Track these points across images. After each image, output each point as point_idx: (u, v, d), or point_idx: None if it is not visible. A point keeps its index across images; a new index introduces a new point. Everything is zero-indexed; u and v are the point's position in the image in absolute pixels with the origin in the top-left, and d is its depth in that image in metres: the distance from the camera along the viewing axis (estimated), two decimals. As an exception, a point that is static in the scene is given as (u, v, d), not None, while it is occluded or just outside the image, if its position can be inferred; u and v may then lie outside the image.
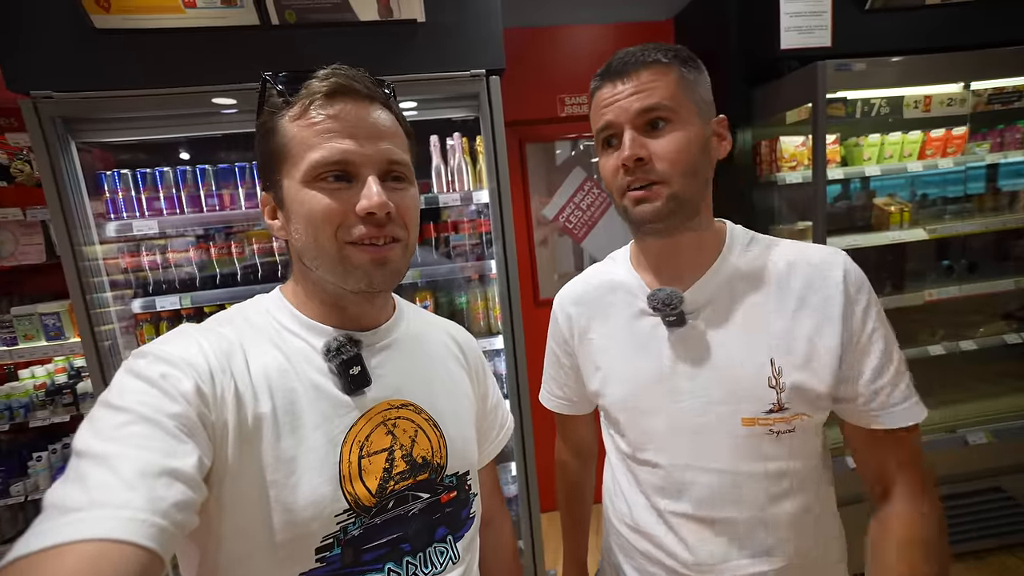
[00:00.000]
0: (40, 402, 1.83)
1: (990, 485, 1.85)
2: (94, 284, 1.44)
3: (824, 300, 0.59)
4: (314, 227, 0.51)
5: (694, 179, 0.58)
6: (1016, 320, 2.06)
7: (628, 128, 0.58)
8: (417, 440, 0.58)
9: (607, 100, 0.59)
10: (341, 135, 0.50)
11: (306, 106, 0.50)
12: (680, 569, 0.64)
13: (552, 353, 0.80)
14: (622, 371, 0.67)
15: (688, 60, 0.60)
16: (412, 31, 1.45)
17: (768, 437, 0.59)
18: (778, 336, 0.59)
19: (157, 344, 0.48)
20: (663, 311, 0.62)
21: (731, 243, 0.64)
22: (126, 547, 0.34)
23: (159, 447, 0.40)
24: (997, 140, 1.88)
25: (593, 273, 0.76)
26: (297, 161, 0.51)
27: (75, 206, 1.40)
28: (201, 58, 1.39)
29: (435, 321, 0.71)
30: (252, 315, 0.56)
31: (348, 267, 0.52)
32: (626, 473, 0.71)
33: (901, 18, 1.66)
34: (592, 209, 2.36)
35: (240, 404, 0.48)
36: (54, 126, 1.36)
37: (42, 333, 1.76)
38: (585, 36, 2.18)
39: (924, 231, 1.75)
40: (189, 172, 1.55)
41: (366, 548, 0.53)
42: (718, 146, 0.62)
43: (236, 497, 0.48)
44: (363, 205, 0.50)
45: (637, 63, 0.57)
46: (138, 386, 0.44)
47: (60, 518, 0.34)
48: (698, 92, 0.59)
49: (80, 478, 0.37)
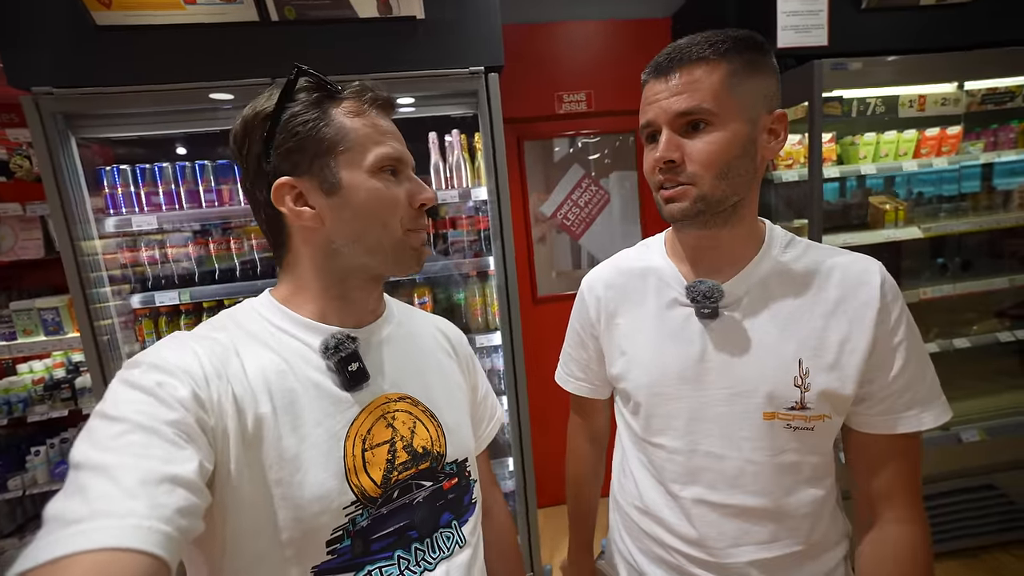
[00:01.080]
0: (38, 397, 1.83)
1: (983, 483, 1.87)
2: (93, 279, 1.44)
3: (860, 307, 0.60)
4: (385, 212, 0.56)
5: (726, 180, 0.57)
6: (1009, 318, 2.08)
7: (666, 128, 0.58)
8: (416, 431, 0.60)
9: (650, 98, 0.60)
10: (393, 138, 0.58)
11: (364, 107, 0.56)
12: (687, 550, 0.66)
13: (576, 335, 0.80)
14: (649, 357, 0.68)
15: (746, 50, 0.56)
16: (411, 28, 1.46)
17: (786, 431, 0.61)
18: (809, 337, 0.60)
19: (151, 352, 0.49)
20: (701, 303, 0.62)
21: (770, 242, 0.64)
22: (134, 555, 0.34)
23: (158, 455, 0.40)
24: (991, 140, 1.89)
25: (625, 258, 0.76)
26: (363, 152, 0.55)
27: (75, 201, 1.41)
28: (201, 54, 1.40)
29: (423, 316, 0.73)
30: (243, 319, 0.57)
31: (406, 248, 0.58)
32: (638, 456, 0.72)
33: (896, 18, 1.67)
34: (590, 206, 2.37)
35: (239, 408, 0.49)
36: (55, 122, 1.37)
37: (41, 328, 1.76)
38: (582, 32, 2.19)
39: (919, 229, 1.76)
40: (188, 168, 1.55)
41: (375, 537, 0.54)
42: (769, 143, 0.60)
43: (242, 500, 0.48)
44: (425, 197, 0.58)
45: (682, 60, 0.56)
46: (134, 395, 0.44)
47: (63, 530, 0.34)
48: (751, 87, 0.57)
49: (80, 490, 0.37)
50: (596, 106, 2.23)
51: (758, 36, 0.58)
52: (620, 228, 2.41)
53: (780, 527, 0.62)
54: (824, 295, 0.61)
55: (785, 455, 0.61)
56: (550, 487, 2.41)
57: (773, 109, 0.59)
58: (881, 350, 0.60)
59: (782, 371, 0.60)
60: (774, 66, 0.59)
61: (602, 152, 2.35)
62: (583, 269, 2.41)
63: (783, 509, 0.62)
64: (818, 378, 0.60)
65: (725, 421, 0.63)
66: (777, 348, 0.61)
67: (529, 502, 1.69)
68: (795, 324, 0.61)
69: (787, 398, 0.60)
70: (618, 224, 2.41)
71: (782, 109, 0.60)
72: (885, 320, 0.59)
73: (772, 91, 0.59)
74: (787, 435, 0.61)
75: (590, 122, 2.30)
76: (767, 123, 0.59)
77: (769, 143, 0.60)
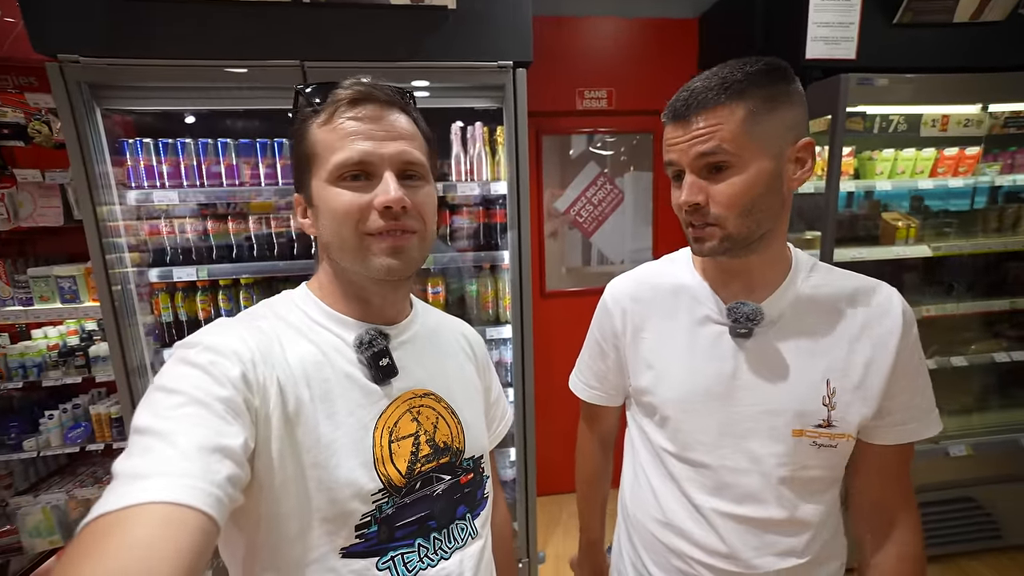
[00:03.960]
0: (52, 362, 1.86)
1: (963, 495, 1.94)
2: (113, 248, 1.46)
3: (884, 333, 0.64)
4: (338, 221, 0.55)
5: (750, 217, 0.58)
6: (1006, 339, 2.13)
7: (688, 172, 0.59)
8: (439, 426, 0.63)
9: (670, 140, 0.61)
10: (362, 137, 0.54)
11: (332, 113, 0.55)
12: (714, 563, 0.68)
13: (596, 344, 0.81)
14: (679, 372, 0.70)
15: (766, 84, 0.55)
16: (442, 17, 1.45)
17: (811, 448, 0.65)
18: (837, 359, 0.64)
19: (203, 335, 0.52)
20: (742, 323, 0.64)
21: (797, 267, 0.67)
22: (190, 511, 0.38)
23: (210, 426, 0.44)
24: (1008, 162, 1.90)
25: (651, 273, 0.77)
26: (323, 162, 0.55)
27: (98, 171, 1.41)
28: (230, 31, 1.38)
29: (447, 319, 0.76)
30: (282, 310, 0.60)
31: (369, 256, 0.56)
32: (659, 468, 0.74)
33: (927, 34, 1.66)
34: (603, 204, 2.38)
35: (283, 392, 0.52)
36: (80, 91, 1.36)
37: (57, 295, 1.78)
38: (608, 29, 2.16)
39: (928, 248, 1.79)
40: (211, 145, 1.55)
41: (398, 525, 0.57)
42: (795, 174, 0.60)
43: (283, 480, 0.51)
44: (380, 200, 0.54)
45: (699, 105, 0.56)
46: (190, 372, 0.47)
47: (133, 483, 0.38)
48: (773, 122, 0.56)
49: (144, 450, 0.41)
50: (617, 104, 2.22)
51: (779, 64, 0.57)
52: (632, 228, 2.42)
53: (796, 538, 0.66)
54: (851, 320, 0.65)
55: (806, 471, 0.65)
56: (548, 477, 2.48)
57: (800, 137, 0.59)
58: (901, 372, 0.64)
59: (811, 390, 0.64)
60: (799, 93, 0.59)
61: (618, 151, 2.35)
62: (593, 266, 2.43)
63: (798, 519, 0.66)
64: (844, 397, 0.63)
65: (753, 437, 0.66)
66: (807, 368, 0.64)
67: (529, 491, 1.75)
68: (823, 346, 0.64)
69: (816, 415, 0.64)
70: (630, 224, 2.42)
71: (808, 138, 0.59)
72: (906, 346, 0.64)
73: (797, 120, 0.58)
74: (811, 452, 0.64)
75: (610, 120, 2.29)
76: (792, 154, 0.58)
77: (795, 173, 0.60)
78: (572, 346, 0.86)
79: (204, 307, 1.63)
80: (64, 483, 1.95)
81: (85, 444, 1.87)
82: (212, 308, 1.64)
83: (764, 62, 0.57)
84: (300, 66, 1.41)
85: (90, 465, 2.06)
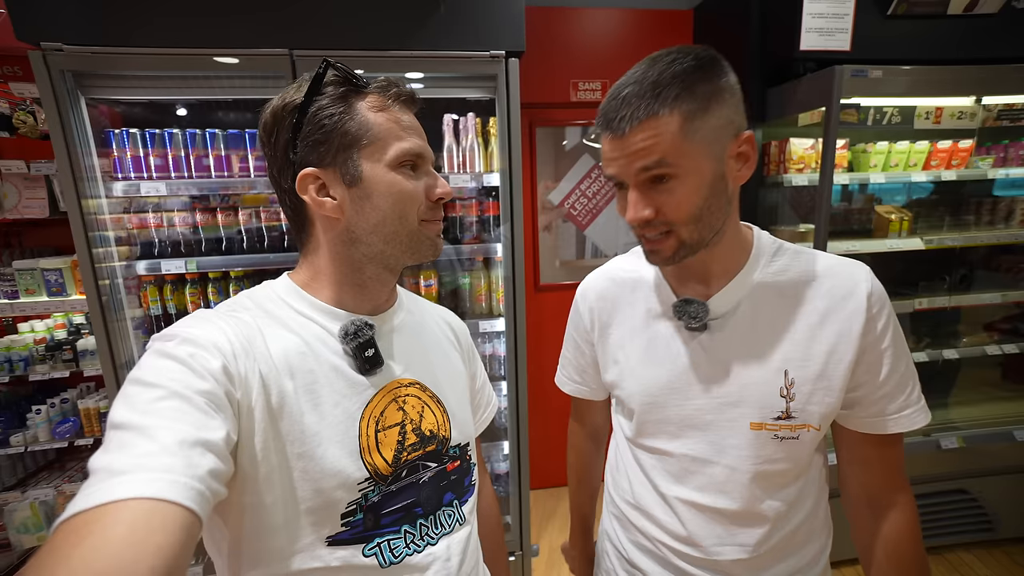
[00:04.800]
0: (39, 356, 1.84)
1: (956, 487, 1.95)
2: (99, 241, 1.44)
3: (847, 317, 0.61)
4: (404, 204, 0.58)
5: (701, 223, 0.57)
6: (998, 332, 2.14)
7: (632, 187, 0.57)
8: (424, 415, 0.63)
9: (608, 154, 0.58)
10: (415, 134, 0.59)
11: (385, 100, 0.57)
12: (676, 546, 0.69)
13: (573, 341, 0.82)
14: (639, 368, 0.70)
15: (699, 84, 0.53)
16: (434, 5, 1.43)
17: (773, 441, 0.63)
18: (796, 348, 0.61)
19: (182, 327, 0.51)
20: (687, 321, 0.64)
21: (758, 253, 0.65)
22: (172, 506, 0.37)
23: (191, 420, 0.43)
24: (1001, 155, 1.91)
25: (617, 268, 0.77)
26: (384, 146, 0.56)
27: (83, 162, 1.39)
28: (218, 19, 1.36)
29: (430, 307, 0.76)
30: (264, 301, 0.59)
31: (422, 239, 0.60)
32: (631, 455, 0.75)
33: (922, 26, 1.66)
34: (597, 197, 2.37)
35: (265, 384, 0.51)
36: (64, 79, 1.34)
37: (43, 288, 1.76)
38: (602, 20, 2.14)
39: (921, 241, 1.79)
40: (199, 135, 1.53)
41: (384, 512, 0.57)
42: (739, 170, 0.58)
43: (266, 472, 0.51)
44: (439, 191, 0.60)
45: (632, 118, 0.53)
46: (168, 364, 0.46)
47: (110, 479, 0.37)
48: (710, 123, 0.54)
49: (123, 446, 0.39)
50: (611, 96, 2.20)
51: (709, 56, 0.54)
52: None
53: (758, 529, 0.66)
54: (811, 306, 0.62)
55: (769, 464, 0.64)
56: (542, 470, 2.48)
57: (739, 131, 0.57)
58: (868, 359, 0.61)
59: (769, 382, 0.62)
60: (732, 85, 0.56)
61: (614, 143, 2.33)
62: (587, 260, 2.42)
63: (763, 512, 0.65)
64: (804, 388, 0.61)
65: (712, 429, 0.65)
66: (764, 359, 0.62)
67: (523, 484, 1.74)
68: (782, 335, 0.62)
69: (774, 408, 0.62)
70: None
71: (747, 131, 0.57)
72: (871, 330, 0.61)
73: (734, 115, 0.56)
74: (774, 445, 0.63)
75: (604, 112, 2.27)
76: (733, 150, 0.57)
77: (739, 170, 0.58)
78: (565, 340, 0.87)
79: (193, 300, 1.61)
80: (52, 478, 1.93)
81: (74, 439, 1.85)
82: (202, 301, 1.63)
83: (693, 56, 0.53)
84: (289, 55, 1.39)
85: (79, 460, 2.04)
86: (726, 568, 0.67)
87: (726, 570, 0.67)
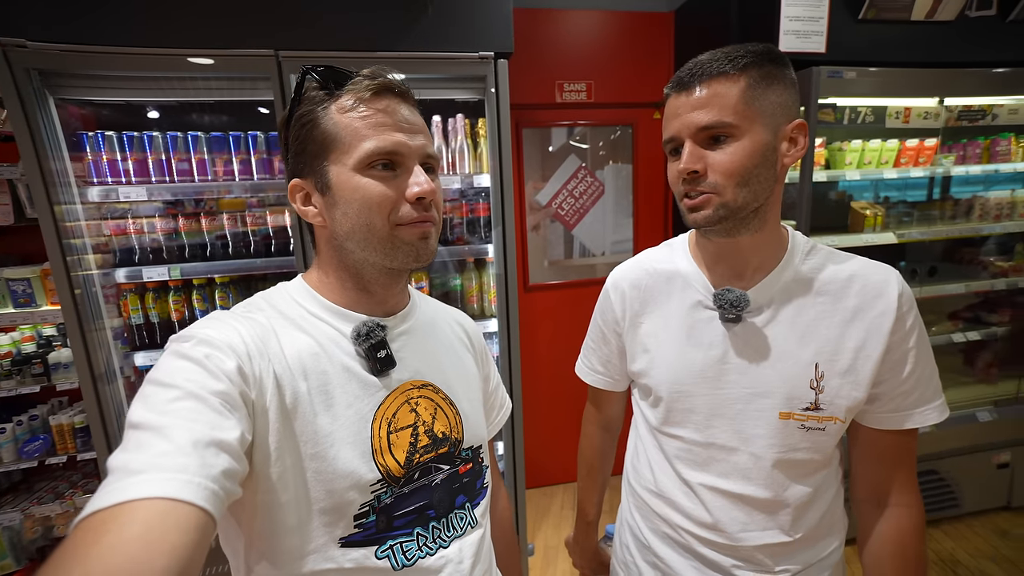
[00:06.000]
0: (5, 371, 1.73)
1: (927, 468, 2.07)
2: (74, 248, 1.37)
3: (877, 317, 0.63)
4: (369, 210, 0.54)
5: (747, 188, 0.60)
6: (962, 320, 2.26)
7: (688, 141, 0.60)
8: (437, 417, 0.63)
9: (672, 112, 0.62)
10: (393, 128, 0.54)
11: (357, 100, 0.54)
12: (700, 532, 0.71)
13: (599, 330, 0.83)
14: (671, 357, 0.71)
15: (765, 63, 0.59)
16: (422, 6, 1.42)
17: (799, 431, 0.65)
18: (827, 343, 0.64)
19: (197, 328, 0.51)
20: (727, 310, 0.65)
21: (793, 249, 0.67)
22: (187, 506, 0.37)
23: (206, 420, 0.43)
24: (961, 153, 2.02)
25: (652, 259, 0.78)
26: (349, 149, 0.53)
27: (54, 166, 1.32)
28: (197, 18, 1.32)
29: (443, 308, 0.76)
30: (278, 303, 0.59)
31: (399, 244, 0.56)
32: (654, 444, 0.77)
33: (890, 30, 1.74)
34: (584, 197, 2.39)
35: (279, 385, 0.52)
36: (29, 78, 1.27)
37: (9, 299, 1.66)
38: (587, 22, 2.17)
39: (894, 235, 1.88)
40: (180, 138, 1.47)
41: (397, 515, 0.57)
42: (788, 151, 0.62)
43: (279, 472, 0.51)
44: (414, 191, 0.55)
45: (703, 74, 0.59)
46: (184, 365, 0.46)
47: (127, 479, 0.37)
48: (770, 98, 0.59)
49: (140, 446, 0.40)
50: (596, 97, 2.23)
51: (776, 49, 0.61)
52: (613, 220, 2.45)
53: (782, 517, 0.68)
54: (843, 304, 0.65)
55: (793, 452, 0.66)
56: (534, 469, 2.49)
57: (793, 119, 0.61)
58: (893, 356, 0.64)
59: (799, 374, 0.64)
60: (792, 78, 0.62)
61: (598, 143, 2.37)
62: (575, 259, 2.44)
63: (785, 500, 0.68)
64: (832, 381, 0.64)
65: (741, 418, 0.67)
66: (796, 353, 0.65)
67: (518, 484, 1.75)
68: (814, 330, 0.65)
69: (803, 399, 0.65)
70: (611, 216, 2.44)
71: (801, 119, 0.62)
72: (899, 329, 0.64)
73: (791, 102, 0.61)
74: (800, 435, 0.66)
75: (589, 113, 2.30)
76: (787, 132, 0.61)
77: (789, 151, 0.62)
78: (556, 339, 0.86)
79: (177, 308, 1.55)
80: (19, 501, 1.82)
81: (44, 457, 1.75)
82: (186, 309, 1.57)
83: (764, 46, 0.60)
84: (274, 56, 1.36)
85: (50, 480, 1.93)
86: (748, 554, 0.69)
87: (748, 556, 0.69)
